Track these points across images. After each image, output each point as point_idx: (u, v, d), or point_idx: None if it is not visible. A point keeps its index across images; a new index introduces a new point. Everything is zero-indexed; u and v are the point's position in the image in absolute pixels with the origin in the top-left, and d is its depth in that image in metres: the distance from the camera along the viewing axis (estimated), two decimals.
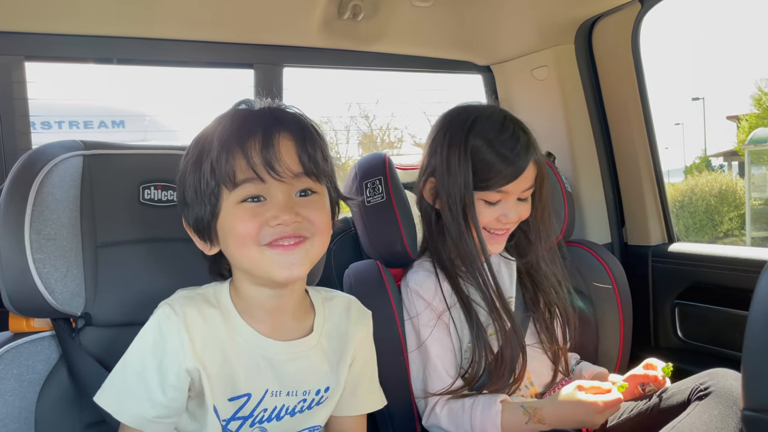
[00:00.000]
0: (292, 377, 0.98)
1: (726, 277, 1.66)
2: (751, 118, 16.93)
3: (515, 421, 1.18)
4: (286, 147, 0.91)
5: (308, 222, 0.92)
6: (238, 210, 0.91)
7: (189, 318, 0.93)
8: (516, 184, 1.25)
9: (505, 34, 1.89)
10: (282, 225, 0.90)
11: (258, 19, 1.63)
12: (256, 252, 0.90)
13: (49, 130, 4.47)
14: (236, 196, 0.91)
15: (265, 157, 0.89)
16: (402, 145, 15.08)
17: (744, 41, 55.53)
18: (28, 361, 1.05)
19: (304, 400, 1.00)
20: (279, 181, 0.90)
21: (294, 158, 0.91)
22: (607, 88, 1.89)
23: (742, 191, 10.99)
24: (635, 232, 1.93)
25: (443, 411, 1.24)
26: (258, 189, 0.90)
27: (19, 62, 1.48)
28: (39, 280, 1.01)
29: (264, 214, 0.90)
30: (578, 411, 1.14)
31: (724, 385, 1.11)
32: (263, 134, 0.90)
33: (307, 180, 0.93)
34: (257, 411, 0.97)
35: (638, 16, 1.74)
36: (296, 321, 1.01)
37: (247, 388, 0.96)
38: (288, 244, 0.91)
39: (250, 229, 0.90)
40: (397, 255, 1.41)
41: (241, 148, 0.89)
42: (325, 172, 0.95)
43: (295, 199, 0.92)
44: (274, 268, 0.91)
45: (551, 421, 1.17)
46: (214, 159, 0.90)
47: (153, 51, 1.64)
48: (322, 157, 0.94)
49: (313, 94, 11.25)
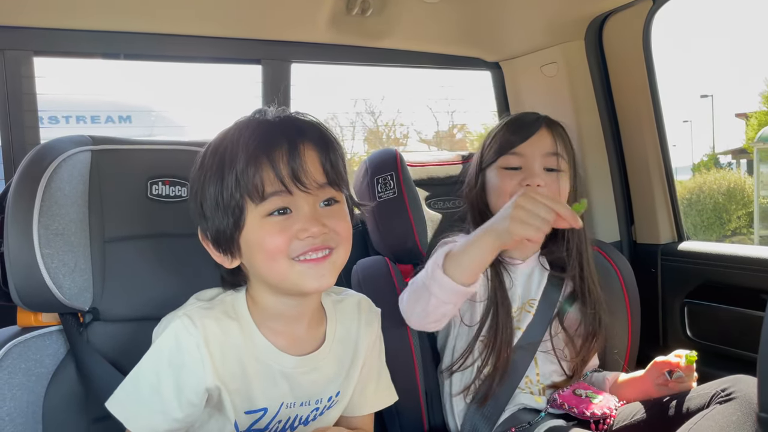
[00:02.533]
0: (307, 389, 0.99)
1: (736, 277, 1.64)
2: (760, 115, 16.81)
3: (456, 247, 1.14)
4: (311, 157, 0.90)
5: (334, 232, 0.92)
6: (266, 224, 0.89)
7: (209, 331, 0.91)
8: (530, 145, 1.32)
9: (515, 30, 1.87)
10: (311, 237, 0.89)
11: (266, 14, 1.63)
12: (285, 266, 0.90)
13: (57, 124, 4.48)
14: (263, 210, 0.89)
15: (292, 168, 0.88)
16: (408, 141, 15.08)
17: (754, 38, 55.13)
18: (36, 355, 1.05)
19: (317, 408, 1.01)
20: (305, 193, 0.90)
21: (318, 168, 0.91)
22: (618, 86, 1.88)
23: (750, 189, 10.92)
24: (644, 230, 1.92)
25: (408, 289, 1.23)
26: (285, 201, 0.89)
27: (28, 57, 1.48)
28: (47, 274, 1.01)
29: (292, 227, 0.89)
30: (503, 211, 1.09)
31: (747, 393, 1.08)
32: (289, 145, 0.88)
33: (330, 190, 0.93)
34: (273, 423, 0.97)
35: (650, 13, 1.72)
36: (311, 330, 1.01)
37: (263, 403, 0.95)
38: (317, 257, 0.90)
39: (279, 244, 0.89)
40: (407, 251, 1.41)
41: (268, 160, 0.88)
42: (345, 180, 0.96)
43: (320, 209, 0.92)
44: (305, 280, 0.91)
45: (484, 227, 1.12)
46: (239, 171, 0.88)
47: (161, 46, 1.64)
48: (342, 165, 0.94)
49: (319, 89, 11.26)
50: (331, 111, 13.36)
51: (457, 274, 1.11)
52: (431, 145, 15.15)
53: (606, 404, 1.27)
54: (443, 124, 16.51)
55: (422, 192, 1.56)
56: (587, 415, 1.26)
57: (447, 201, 1.60)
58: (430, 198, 1.59)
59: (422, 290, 1.16)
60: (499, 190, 1.34)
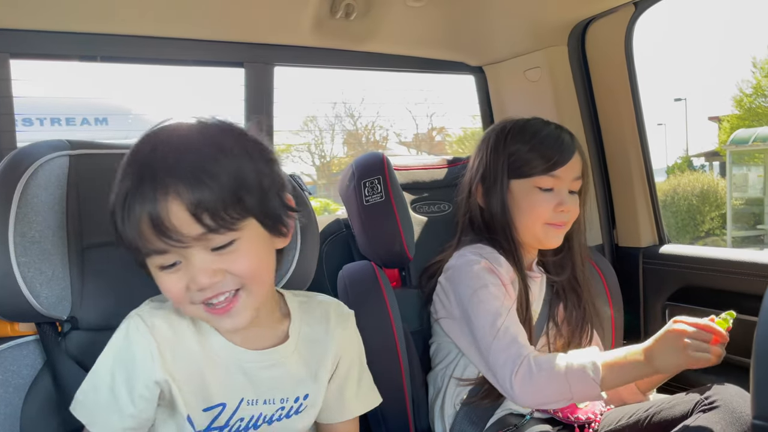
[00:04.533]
0: (268, 385, 0.96)
1: (717, 280, 1.66)
2: (732, 119, 17.19)
3: (615, 359, 1.15)
4: (175, 212, 0.80)
5: (231, 277, 0.86)
6: (160, 276, 0.86)
7: (157, 329, 0.90)
8: (567, 169, 1.32)
9: (498, 35, 1.88)
10: (202, 291, 0.85)
11: (249, 17, 1.61)
12: (193, 309, 0.88)
13: (31, 127, 4.39)
14: (153, 263, 0.86)
15: (156, 229, 0.80)
16: (387, 143, 15.11)
17: (726, 43, 56.34)
18: (13, 366, 1.03)
19: (282, 408, 0.98)
20: (185, 248, 0.82)
21: (188, 221, 0.80)
22: (600, 90, 1.90)
23: (723, 191, 11.15)
24: (626, 233, 1.94)
25: (540, 373, 1.16)
26: (165, 259, 0.84)
27: (4, 60, 1.44)
28: (23, 284, 0.98)
29: (183, 280, 0.85)
30: (667, 342, 1.12)
31: (730, 402, 1.10)
32: (150, 203, 0.80)
33: (215, 237, 0.82)
34: (233, 420, 0.94)
35: (632, 19, 1.74)
36: (270, 329, 0.99)
37: (221, 398, 0.93)
38: (219, 304, 0.86)
39: (178, 293, 0.86)
40: (395, 255, 1.41)
41: (133, 222, 0.82)
42: (239, 215, 0.83)
43: (213, 254, 0.84)
44: (217, 324, 0.89)
45: (648, 356, 1.13)
46: (119, 225, 0.84)
47: (141, 49, 1.61)
48: (232, 200, 0.82)
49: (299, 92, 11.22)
50: (310, 114, 13.36)
51: (605, 387, 1.15)
52: (411, 148, 15.20)
53: (591, 409, 1.28)
54: (422, 127, 16.58)
55: (407, 196, 1.56)
56: (572, 419, 1.26)
57: (432, 205, 1.60)
58: (415, 202, 1.59)
59: (563, 388, 1.15)
60: (529, 210, 1.33)
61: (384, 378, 1.30)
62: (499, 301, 1.24)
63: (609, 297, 1.59)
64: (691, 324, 1.12)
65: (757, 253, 1.63)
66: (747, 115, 16.77)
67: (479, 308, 1.24)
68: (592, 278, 1.52)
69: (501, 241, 1.34)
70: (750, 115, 16.70)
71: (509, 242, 1.33)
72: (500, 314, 1.22)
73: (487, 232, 1.37)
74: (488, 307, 1.23)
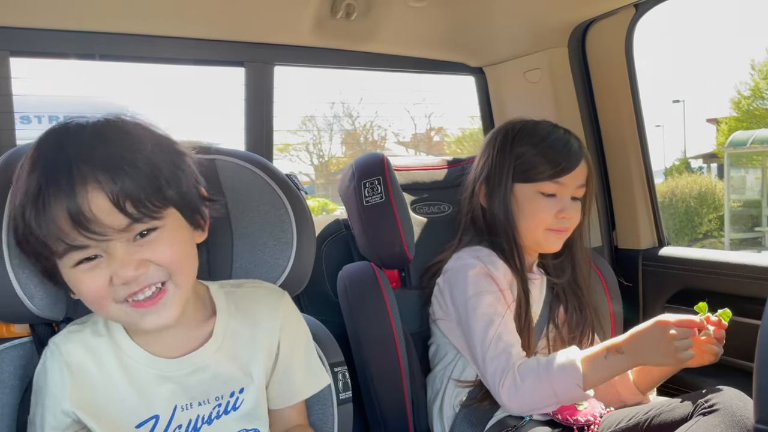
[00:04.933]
0: (199, 388, 0.93)
1: (716, 282, 1.66)
2: (730, 121, 17.21)
3: (595, 361, 1.17)
4: (96, 202, 0.77)
5: (156, 267, 0.83)
6: (75, 274, 0.81)
7: (72, 356, 0.89)
8: (571, 177, 1.32)
9: (499, 36, 1.88)
10: (126, 284, 0.81)
11: (250, 16, 1.61)
12: (115, 309, 0.84)
13: (29, 125, 4.38)
14: (67, 262, 0.81)
15: (74, 221, 0.76)
16: (385, 143, 15.11)
17: (725, 45, 56.41)
18: (9, 367, 1.01)
19: (219, 405, 0.95)
20: (105, 241, 0.79)
21: (111, 211, 0.78)
22: (600, 92, 1.90)
23: (721, 193, 11.16)
24: (626, 235, 1.94)
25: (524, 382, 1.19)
26: (84, 253, 0.80)
27: (4, 58, 1.44)
28: (18, 286, 0.97)
29: (104, 274, 0.81)
30: (654, 338, 1.13)
31: (730, 405, 1.10)
32: (66, 193, 0.76)
33: (139, 226, 0.81)
34: (171, 429, 0.92)
35: (632, 21, 1.75)
36: (195, 329, 0.95)
37: (151, 411, 0.91)
38: (146, 299, 0.83)
39: (97, 291, 0.81)
40: (395, 255, 1.41)
41: (46, 217, 0.77)
42: (162, 203, 0.82)
43: (134, 245, 0.81)
44: (142, 321, 0.85)
45: (629, 350, 1.16)
46: (24, 228, 0.80)
47: (142, 47, 1.60)
48: (153, 188, 0.80)
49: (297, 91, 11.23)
50: (308, 114, 13.36)
51: (588, 386, 1.18)
52: (409, 148, 15.20)
53: (591, 411, 1.28)
54: (420, 127, 16.59)
55: (407, 197, 1.56)
56: (571, 421, 1.26)
57: (432, 206, 1.60)
58: (415, 203, 1.59)
59: (547, 392, 1.18)
60: (531, 215, 1.33)
61: (384, 379, 1.31)
62: (493, 309, 1.25)
63: (608, 299, 1.59)
64: (676, 321, 1.14)
65: (756, 256, 1.63)
66: (745, 117, 16.79)
67: (473, 315, 1.26)
68: (595, 283, 1.52)
69: (502, 243, 1.34)
70: (748, 117, 16.73)
71: (510, 245, 1.33)
72: (492, 322, 1.24)
73: (488, 234, 1.37)
74: (481, 314, 1.25)
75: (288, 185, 1.14)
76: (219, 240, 1.06)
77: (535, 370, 1.18)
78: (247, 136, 1.78)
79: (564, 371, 1.17)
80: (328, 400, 1.10)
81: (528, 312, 1.31)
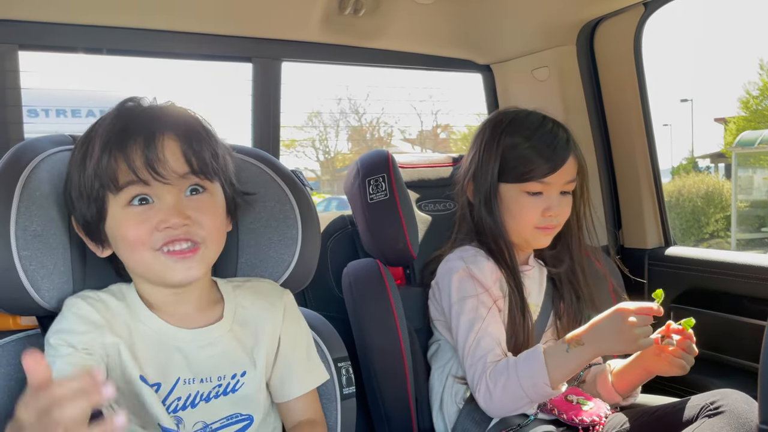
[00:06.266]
0: (205, 364, 0.96)
1: (723, 282, 1.66)
2: (738, 120, 17.11)
3: (558, 357, 1.17)
4: (170, 148, 0.90)
5: (198, 225, 0.91)
6: (125, 214, 0.90)
7: (98, 306, 0.93)
8: (557, 175, 1.29)
9: (507, 34, 1.87)
10: (171, 228, 0.89)
11: (258, 12, 1.61)
12: (149, 257, 0.90)
13: (36, 118, 4.39)
14: (121, 199, 0.90)
15: (147, 159, 0.87)
16: (392, 140, 15.10)
17: (733, 44, 56.12)
18: (16, 359, 1.02)
19: (219, 386, 0.98)
20: (165, 183, 0.89)
21: (179, 158, 0.90)
22: (608, 91, 1.89)
23: (728, 193, 11.11)
24: (632, 234, 1.93)
25: (496, 386, 1.20)
26: (142, 191, 0.89)
27: (13, 51, 1.44)
28: (25, 277, 0.98)
29: (152, 219, 0.89)
30: (614, 326, 1.13)
31: (736, 407, 1.10)
32: (145, 135, 0.88)
33: (195, 178, 0.92)
34: (170, 400, 0.95)
35: (641, 19, 1.74)
36: (204, 310, 1.00)
37: (156, 378, 0.94)
38: (182, 249, 0.90)
39: (140, 234, 0.89)
40: (399, 253, 1.41)
41: (122, 150, 0.88)
42: (215, 170, 0.95)
43: (185, 199, 0.92)
44: (170, 272, 0.90)
45: (590, 340, 1.16)
46: (95, 161, 0.88)
47: (150, 42, 1.61)
48: (212, 155, 0.93)
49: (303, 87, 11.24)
50: (315, 110, 13.37)
51: (556, 384, 1.18)
52: (415, 145, 15.19)
53: (596, 412, 1.27)
54: (427, 124, 16.56)
55: (412, 194, 1.55)
56: (576, 421, 1.26)
57: (438, 203, 1.60)
58: (421, 200, 1.59)
59: (518, 394, 1.19)
60: (519, 216, 1.32)
61: (388, 376, 1.31)
62: (473, 313, 1.26)
63: (614, 298, 1.58)
64: (635, 309, 1.14)
65: (763, 257, 1.62)
66: (753, 117, 16.69)
67: (457, 321, 1.27)
68: (597, 278, 1.51)
69: (489, 242, 1.33)
70: (756, 117, 16.63)
71: (498, 244, 1.32)
72: (472, 328, 1.24)
73: (476, 232, 1.37)
74: (464, 321, 1.26)
75: (293, 181, 1.14)
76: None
77: (505, 373, 1.19)
78: (253, 131, 1.78)
79: (529, 371, 1.17)
80: (331, 395, 1.11)
81: (525, 306, 1.31)
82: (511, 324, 1.29)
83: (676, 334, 1.23)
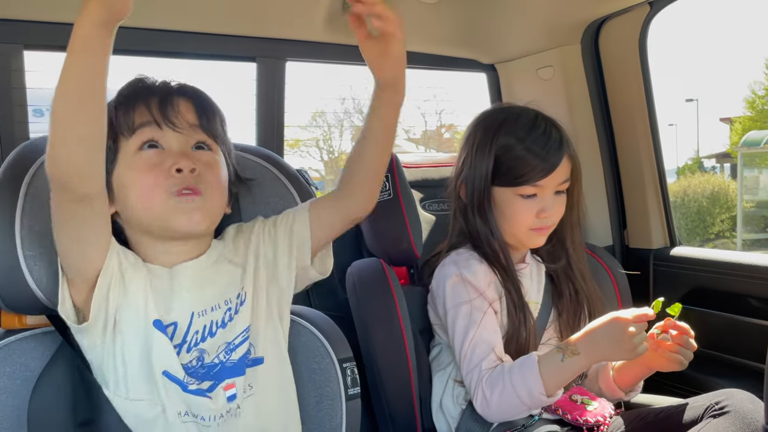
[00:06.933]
0: (210, 292, 1.00)
1: (728, 283, 1.65)
2: (744, 120, 17.05)
3: (553, 366, 1.17)
4: (185, 105, 0.98)
5: (201, 177, 0.96)
6: (138, 158, 0.95)
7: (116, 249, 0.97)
8: (552, 177, 1.27)
9: (511, 33, 1.87)
10: (182, 174, 0.94)
11: (262, 11, 1.61)
12: (159, 200, 0.93)
13: (42, 117, 4.40)
14: (134, 143, 0.95)
15: (162, 109, 0.95)
16: (396, 139, 15.04)
17: (739, 44, 55.92)
18: (21, 358, 1.02)
19: (229, 309, 1.01)
20: (175, 132, 0.96)
21: (191, 112, 0.99)
22: (613, 90, 1.88)
23: (733, 193, 11.07)
24: (637, 234, 1.93)
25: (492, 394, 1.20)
26: (155, 135, 0.95)
27: (18, 51, 1.45)
28: (30, 277, 0.98)
29: (163, 163, 0.94)
30: (612, 335, 1.12)
31: (741, 407, 1.09)
32: (161, 94, 0.97)
33: (203, 134, 0.99)
34: (189, 335, 0.97)
35: (646, 19, 1.73)
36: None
37: (170, 318, 0.97)
38: (190, 193, 0.94)
39: (152, 178, 0.93)
40: (402, 252, 1.41)
41: (139, 99, 0.96)
42: (222, 136, 1.03)
43: (192, 151, 0.98)
44: (177, 216, 0.94)
45: (586, 348, 1.15)
46: (112, 113, 0.94)
47: (154, 42, 1.61)
48: (221, 123, 1.03)
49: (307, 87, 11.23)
50: (319, 109, 13.37)
51: (551, 392, 1.18)
52: (419, 144, 15.17)
53: (600, 412, 1.27)
54: (431, 124, 16.53)
55: (416, 194, 1.55)
56: (580, 421, 1.26)
57: (441, 203, 1.60)
58: (425, 200, 1.59)
59: (513, 400, 1.19)
60: (513, 219, 1.30)
61: (391, 375, 1.31)
62: (467, 319, 1.25)
63: (619, 298, 1.58)
64: (633, 318, 1.13)
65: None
66: (759, 117, 16.63)
67: (452, 328, 1.27)
68: (605, 282, 1.51)
69: (482, 245, 1.32)
70: (762, 117, 16.56)
71: (492, 247, 1.31)
72: (467, 335, 1.24)
73: (469, 235, 1.36)
74: (459, 327, 1.26)
75: (298, 180, 1.15)
76: None
77: (500, 381, 1.19)
78: (258, 131, 1.78)
79: (524, 380, 1.16)
80: (336, 396, 1.10)
81: (523, 306, 1.30)
82: (512, 324, 1.29)
83: (673, 330, 1.22)
